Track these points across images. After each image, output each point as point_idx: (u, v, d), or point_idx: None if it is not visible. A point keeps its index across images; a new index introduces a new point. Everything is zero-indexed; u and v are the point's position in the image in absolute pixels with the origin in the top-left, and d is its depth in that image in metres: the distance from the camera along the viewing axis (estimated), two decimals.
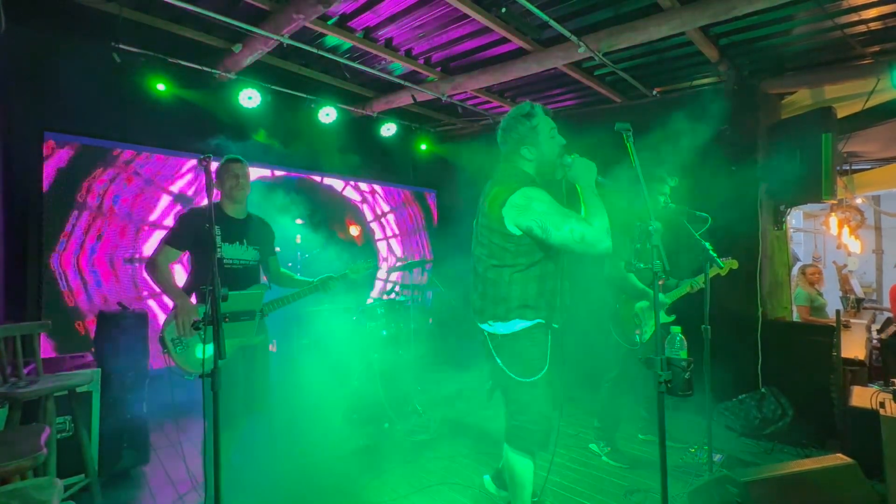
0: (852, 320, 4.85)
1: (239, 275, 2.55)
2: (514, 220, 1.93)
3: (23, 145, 3.50)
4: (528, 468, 2.13)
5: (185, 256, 2.57)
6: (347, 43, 3.65)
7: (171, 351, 2.36)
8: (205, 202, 2.39)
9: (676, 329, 2.04)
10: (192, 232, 2.46)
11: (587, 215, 1.92)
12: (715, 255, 2.71)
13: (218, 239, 2.41)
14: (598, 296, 3.19)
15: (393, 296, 5.08)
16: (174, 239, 2.49)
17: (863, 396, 2.52)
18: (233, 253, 2.55)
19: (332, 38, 3.62)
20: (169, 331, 2.38)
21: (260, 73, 3.98)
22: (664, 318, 3.08)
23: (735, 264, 3.10)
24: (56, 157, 3.70)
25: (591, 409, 3.48)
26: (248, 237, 2.63)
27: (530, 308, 2.00)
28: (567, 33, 3.22)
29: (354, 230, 5.57)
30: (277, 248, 2.90)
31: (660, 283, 2.11)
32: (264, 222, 2.79)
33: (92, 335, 3.70)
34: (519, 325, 2.01)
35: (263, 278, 2.79)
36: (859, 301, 6.23)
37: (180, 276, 2.77)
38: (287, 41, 3.36)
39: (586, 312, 3.27)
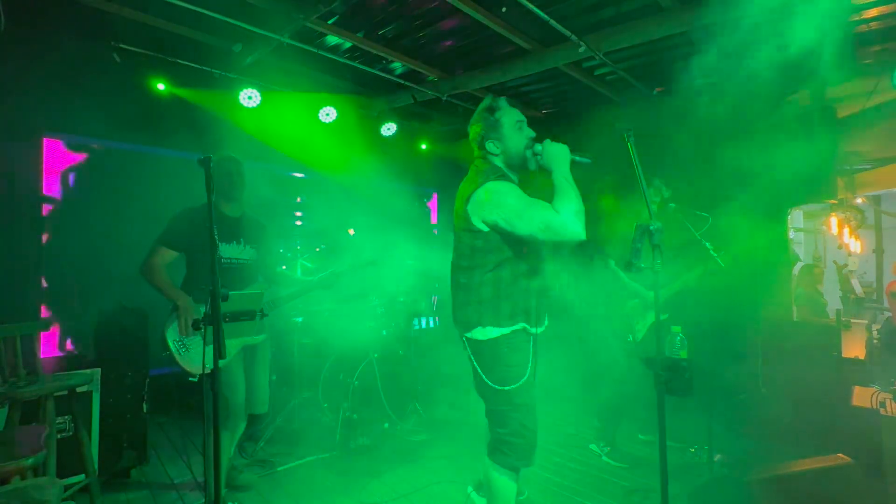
0: (852, 320, 4.84)
1: (235, 273, 2.55)
2: (480, 215, 1.86)
3: (23, 145, 3.50)
4: (509, 487, 1.94)
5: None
6: (348, 42, 3.65)
7: (174, 352, 2.36)
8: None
9: (677, 329, 2.04)
10: (188, 232, 2.44)
11: (554, 202, 1.82)
12: (716, 255, 2.72)
13: (216, 238, 2.43)
14: (591, 296, 3.20)
15: None
16: (170, 239, 2.47)
17: (863, 396, 2.52)
18: (229, 252, 2.54)
19: (333, 38, 3.61)
20: (171, 331, 2.37)
21: (260, 72, 3.98)
22: (663, 315, 3.10)
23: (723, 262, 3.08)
24: (57, 157, 3.70)
25: (591, 409, 3.48)
26: (245, 235, 2.63)
27: (504, 313, 1.89)
28: (567, 33, 3.21)
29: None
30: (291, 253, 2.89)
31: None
32: (260, 221, 2.78)
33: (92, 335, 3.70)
34: (496, 331, 1.89)
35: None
36: (860, 301, 6.22)
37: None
38: (287, 41, 3.36)
39: (583, 313, 3.28)
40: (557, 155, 1.91)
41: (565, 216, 1.78)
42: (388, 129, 4.97)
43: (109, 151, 3.97)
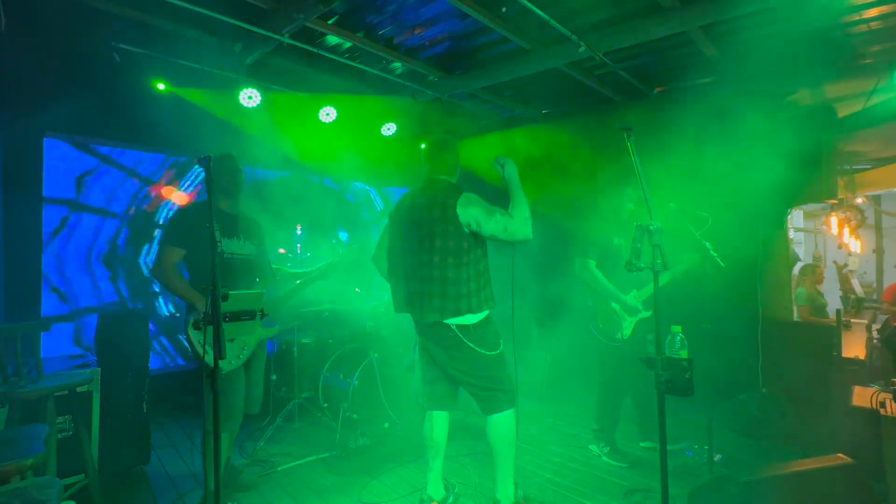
0: (852, 320, 4.83)
1: (238, 267, 2.57)
2: (464, 218, 2.30)
3: (23, 145, 3.50)
4: (514, 423, 2.42)
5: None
6: (348, 42, 3.65)
7: (200, 351, 2.34)
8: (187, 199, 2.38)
9: (676, 329, 2.04)
10: (190, 229, 2.47)
11: (511, 208, 2.31)
12: (716, 254, 2.71)
13: (217, 233, 2.43)
14: (579, 296, 3.22)
15: None
16: (174, 238, 2.49)
17: (863, 396, 2.52)
18: (230, 247, 2.57)
19: (333, 38, 3.61)
20: (193, 331, 2.40)
21: (260, 72, 3.98)
22: (642, 314, 3.11)
23: (696, 259, 3.08)
24: (56, 156, 3.71)
25: (592, 409, 3.48)
26: (244, 232, 2.66)
27: (483, 300, 2.36)
28: (567, 33, 3.21)
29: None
30: (282, 250, 2.92)
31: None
32: (255, 219, 2.82)
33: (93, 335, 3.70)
34: (481, 314, 2.36)
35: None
36: (860, 301, 6.21)
37: None
38: (287, 40, 3.36)
39: (578, 313, 3.28)
40: (514, 168, 2.42)
41: (519, 221, 2.27)
42: (388, 129, 4.97)
43: (107, 150, 3.97)
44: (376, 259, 2.64)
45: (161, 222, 4.16)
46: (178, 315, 4.10)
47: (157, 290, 4.06)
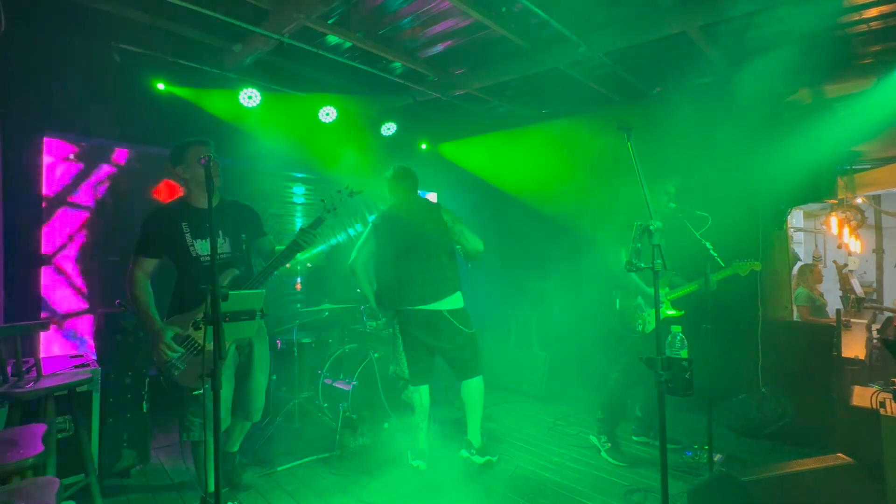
0: (852, 320, 4.83)
1: (219, 270, 2.34)
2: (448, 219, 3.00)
3: (23, 145, 3.49)
4: (483, 383, 3.05)
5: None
6: (348, 42, 3.65)
7: (172, 378, 2.27)
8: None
9: (676, 329, 2.04)
10: (164, 235, 2.31)
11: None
12: (715, 254, 2.71)
13: (188, 237, 2.33)
14: (601, 287, 3.20)
15: None
16: (146, 247, 2.31)
17: (863, 396, 2.52)
18: (206, 248, 2.33)
19: (333, 38, 3.61)
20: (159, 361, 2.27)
21: (260, 72, 3.98)
22: (675, 312, 3.08)
23: (758, 266, 3.01)
24: (57, 157, 3.71)
25: (592, 409, 3.48)
26: (224, 226, 2.41)
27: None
28: (568, 33, 3.21)
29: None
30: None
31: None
32: (241, 205, 2.58)
33: (92, 335, 3.70)
34: (460, 298, 3.00)
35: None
36: (860, 301, 6.21)
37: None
38: (287, 41, 3.36)
39: (592, 304, 3.27)
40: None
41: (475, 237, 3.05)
42: (388, 129, 4.97)
43: (107, 151, 3.97)
44: (356, 263, 2.97)
45: None
46: None
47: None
